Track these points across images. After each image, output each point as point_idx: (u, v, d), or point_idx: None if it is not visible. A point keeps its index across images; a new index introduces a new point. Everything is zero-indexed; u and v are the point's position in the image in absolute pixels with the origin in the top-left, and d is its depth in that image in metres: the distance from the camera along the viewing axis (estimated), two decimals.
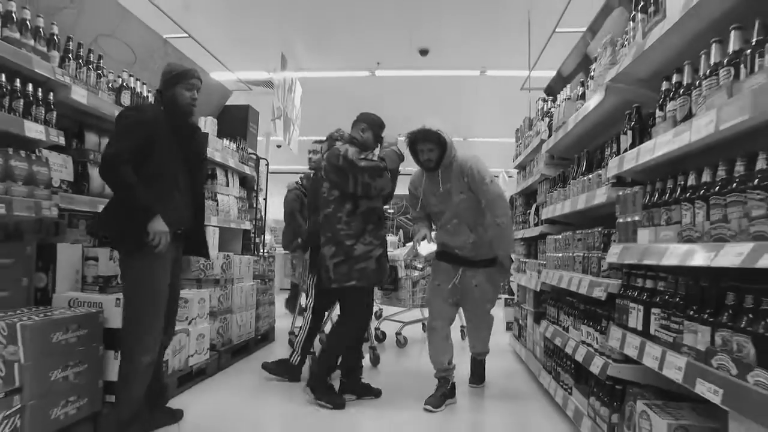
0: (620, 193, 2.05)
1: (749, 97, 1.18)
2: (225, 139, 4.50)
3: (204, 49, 5.19)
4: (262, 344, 4.56)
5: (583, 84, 2.80)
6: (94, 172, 2.75)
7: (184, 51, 4.33)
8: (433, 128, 2.81)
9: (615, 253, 2.02)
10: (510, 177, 8.54)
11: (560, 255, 3.01)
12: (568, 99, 2.93)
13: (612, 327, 2.04)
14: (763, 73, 1.15)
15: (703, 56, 1.50)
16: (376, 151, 3.02)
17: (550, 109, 3.53)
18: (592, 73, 2.58)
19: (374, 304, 3.41)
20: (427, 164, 2.91)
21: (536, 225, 3.75)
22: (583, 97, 2.76)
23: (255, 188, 5.25)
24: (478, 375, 3.38)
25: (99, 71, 2.82)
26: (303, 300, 3.85)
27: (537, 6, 4.80)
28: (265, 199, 5.64)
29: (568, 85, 3.14)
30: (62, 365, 2.09)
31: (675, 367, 1.49)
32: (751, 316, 1.23)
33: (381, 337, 4.88)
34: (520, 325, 4.30)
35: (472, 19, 5.47)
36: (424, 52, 6.19)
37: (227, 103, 5.42)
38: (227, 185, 4.58)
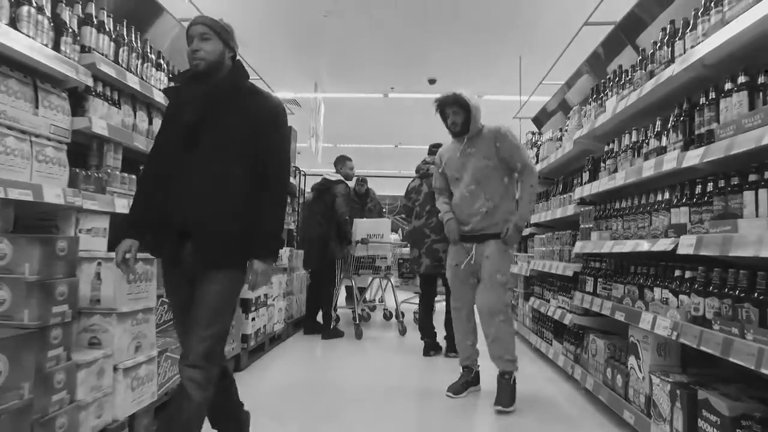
0: (582, 209, 3.28)
1: (638, 167, 2.41)
2: None
3: (256, 74, 6.32)
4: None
5: (561, 130, 4.04)
6: None
7: None
8: (460, 93, 2.85)
9: (579, 247, 3.25)
10: None
11: (544, 249, 4.25)
12: (550, 140, 4.17)
13: (576, 292, 3.27)
14: (640, 158, 2.38)
15: (623, 137, 2.73)
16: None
17: (537, 141, 4.77)
18: (566, 126, 3.81)
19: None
20: (453, 128, 2.91)
21: (527, 227, 4.98)
22: (560, 139, 3.99)
23: (296, 194, 6.41)
24: (504, 396, 2.77)
25: None
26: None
27: (527, 55, 6.06)
28: (302, 203, 6.80)
29: (550, 129, 4.37)
30: None
31: (607, 309, 2.71)
32: (638, 277, 2.46)
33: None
34: (513, 304, 5.54)
35: (473, 58, 6.69)
36: (432, 81, 7.39)
37: None
38: None
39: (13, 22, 1.85)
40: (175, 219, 1.66)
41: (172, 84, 1.98)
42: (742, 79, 1.71)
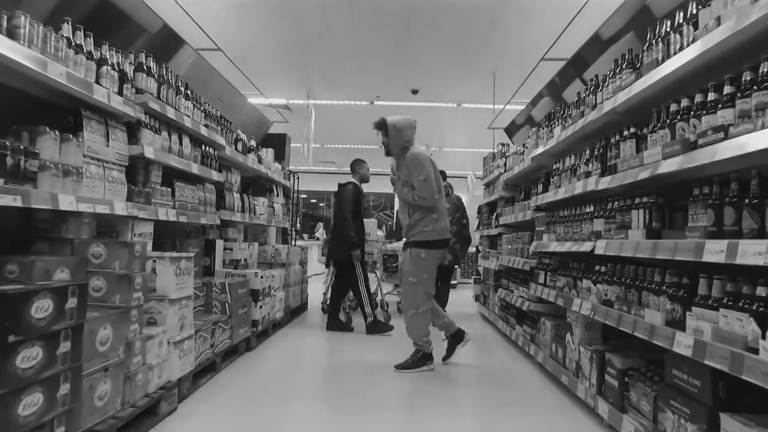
0: (537, 215, 3.97)
1: (572, 185, 3.09)
2: (275, 162, 6.22)
3: (251, 83, 6.86)
4: (303, 310, 6.36)
5: (524, 145, 4.72)
6: (228, 196, 4.47)
7: (236, 85, 5.84)
8: (384, 119, 3.43)
9: (533, 246, 3.94)
10: (477, 178, 10.62)
11: (510, 247, 4.94)
12: (515, 153, 4.85)
13: (531, 284, 3.96)
14: (575, 178, 3.07)
15: (566, 158, 3.41)
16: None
17: (505, 152, 5.46)
18: (527, 142, 4.49)
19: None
20: (384, 148, 3.54)
21: (496, 227, 5.67)
22: (522, 153, 4.68)
23: (291, 196, 7.01)
24: (405, 361, 3.55)
25: (231, 133, 4.54)
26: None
27: (499, 70, 6.74)
28: (297, 203, 7.39)
29: (520, 141, 5.05)
30: (241, 306, 3.85)
31: (552, 296, 3.40)
32: (573, 270, 3.15)
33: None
34: (485, 295, 6.25)
35: (451, 72, 7.34)
36: (415, 92, 8.02)
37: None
38: (277, 196, 6.31)
39: (98, 79, 2.43)
40: None
41: None
42: (632, 129, 2.39)
